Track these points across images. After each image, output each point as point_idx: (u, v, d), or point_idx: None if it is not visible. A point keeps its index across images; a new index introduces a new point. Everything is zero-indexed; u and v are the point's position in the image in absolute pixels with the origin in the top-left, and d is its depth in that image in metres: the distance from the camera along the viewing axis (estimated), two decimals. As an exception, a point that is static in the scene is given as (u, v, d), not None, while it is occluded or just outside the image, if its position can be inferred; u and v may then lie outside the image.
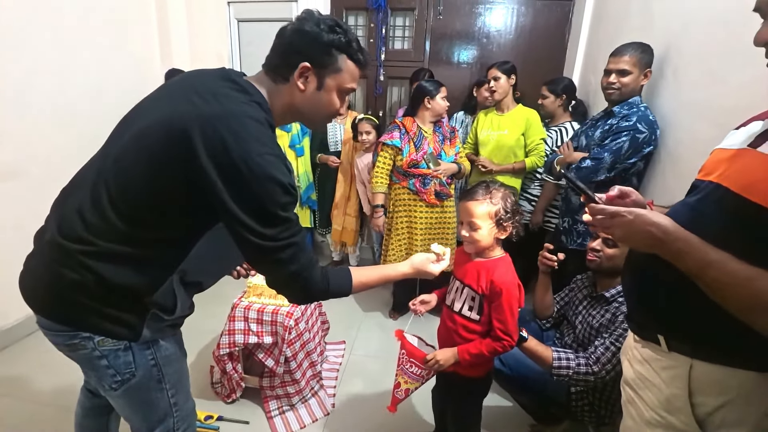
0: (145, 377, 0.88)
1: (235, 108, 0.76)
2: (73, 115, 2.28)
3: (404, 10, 2.88)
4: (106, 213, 0.76)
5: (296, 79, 0.82)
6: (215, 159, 0.72)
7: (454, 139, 2.17)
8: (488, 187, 1.15)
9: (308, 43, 0.81)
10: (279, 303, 1.59)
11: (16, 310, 2.07)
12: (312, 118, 0.91)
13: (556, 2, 2.74)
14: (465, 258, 1.24)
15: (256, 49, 2.98)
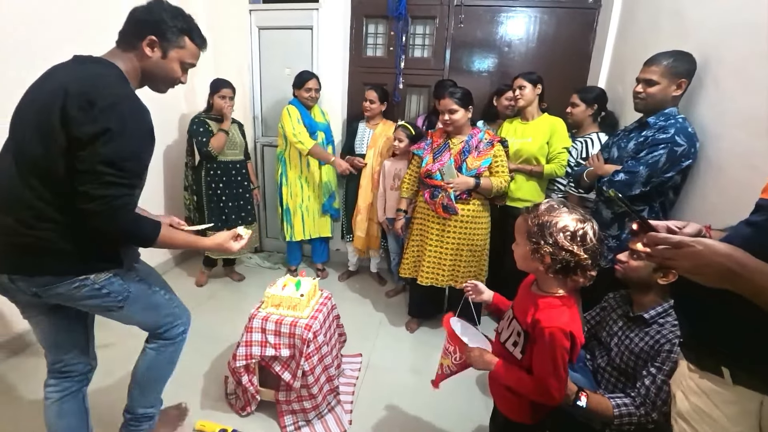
0: (138, 290, 1.17)
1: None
2: None
3: (425, 18, 2.86)
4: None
5: (144, 47, 1.05)
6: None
7: (485, 152, 1.98)
8: (546, 206, 0.98)
9: (157, 21, 1.05)
10: (297, 315, 1.55)
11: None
12: (157, 80, 1.13)
13: (579, 10, 2.69)
14: (526, 285, 1.13)
15: (276, 56, 2.99)
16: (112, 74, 1.03)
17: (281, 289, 1.60)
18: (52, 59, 1.12)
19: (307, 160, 2.65)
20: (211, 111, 2.54)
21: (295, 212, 2.76)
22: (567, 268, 0.95)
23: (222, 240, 1.22)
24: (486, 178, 1.98)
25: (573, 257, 0.92)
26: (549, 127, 2.14)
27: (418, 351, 2.21)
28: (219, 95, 2.48)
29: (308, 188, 2.71)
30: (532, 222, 0.97)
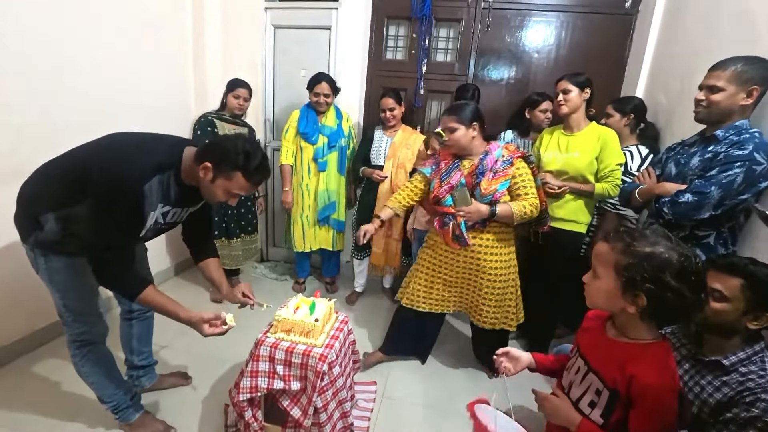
0: (41, 275, 1.29)
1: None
2: (100, 120, 2.16)
3: (450, 20, 2.71)
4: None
5: (200, 167, 1.17)
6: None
7: (503, 172, 1.65)
8: (641, 234, 0.82)
9: (217, 153, 1.17)
10: (311, 342, 1.36)
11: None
12: (204, 193, 1.25)
13: (615, 16, 2.53)
14: (597, 327, 0.93)
15: (291, 57, 2.84)
16: (150, 154, 1.19)
17: (293, 312, 1.42)
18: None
19: (308, 166, 2.49)
20: (223, 110, 2.45)
21: (296, 221, 2.59)
22: (667, 311, 0.76)
23: (197, 320, 1.24)
24: (505, 204, 1.64)
25: (680, 300, 0.74)
26: (599, 140, 1.86)
27: (437, 381, 2.00)
28: (234, 94, 2.39)
29: (309, 197, 2.54)
30: (625, 253, 0.78)
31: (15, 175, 1.83)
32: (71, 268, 1.27)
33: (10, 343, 1.89)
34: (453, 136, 1.65)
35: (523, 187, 1.65)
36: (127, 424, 1.51)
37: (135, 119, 2.42)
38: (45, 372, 1.85)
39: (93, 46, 2.06)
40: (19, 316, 1.91)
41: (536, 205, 1.65)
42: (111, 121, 2.20)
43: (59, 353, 1.92)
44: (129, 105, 2.32)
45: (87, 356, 1.39)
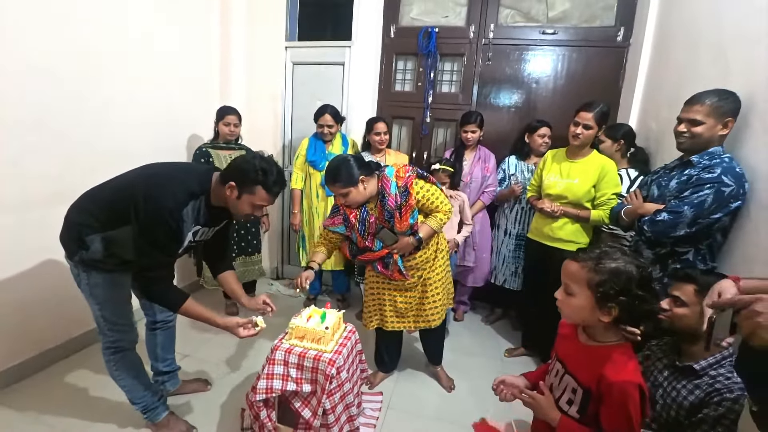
0: (83, 289, 1.45)
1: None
2: (138, 148, 2.42)
3: (453, 55, 2.93)
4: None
5: (227, 187, 1.35)
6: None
7: (407, 206, 1.65)
8: (604, 252, 0.92)
9: (238, 172, 1.34)
10: (321, 348, 1.50)
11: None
12: (232, 211, 1.43)
13: (609, 48, 2.70)
14: (570, 335, 1.04)
15: (308, 90, 3.10)
16: (183, 184, 1.36)
17: (306, 321, 1.56)
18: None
19: (317, 192, 2.67)
20: (216, 138, 2.52)
21: (310, 241, 2.76)
22: (636, 317, 0.89)
23: (232, 325, 1.43)
24: (423, 225, 1.72)
25: (645, 305, 0.87)
26: (599, 169, 1.96)
27: (443, 395, 2.09)
28: (224, 122, 2.46)
29: (318, 219, 2.71)
30: (595, 270, 0.90)
31: (62, 198, 2.07)
32: (110, 283, 1.44)
33: (48, 349, 2.08)
34: (348, 200, 1.63)
35: (430, 203, 1.71)
36: (154, 423, 1.66)
37: (168, 146, 2.68)
38: (79, 376, 2.03)
39: (132, 80, 2.34)
40: (57, 324, 2.10)
41: (449, 209, 1.73)
42: (148, 148, 2.47)
43: (92, 360, 2.11)
44: (164, 134, 2.58)
45: (120, 361, 1.55)
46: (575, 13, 2.75)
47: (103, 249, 1.35)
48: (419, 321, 1.93)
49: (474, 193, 2.60)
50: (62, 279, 2.04)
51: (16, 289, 1.90)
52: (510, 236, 2.57)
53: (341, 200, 1.67)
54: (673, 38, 2.23)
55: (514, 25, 2.82)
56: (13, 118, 1.78)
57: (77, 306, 2.07)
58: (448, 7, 2.91)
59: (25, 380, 1.96)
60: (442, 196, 1.73)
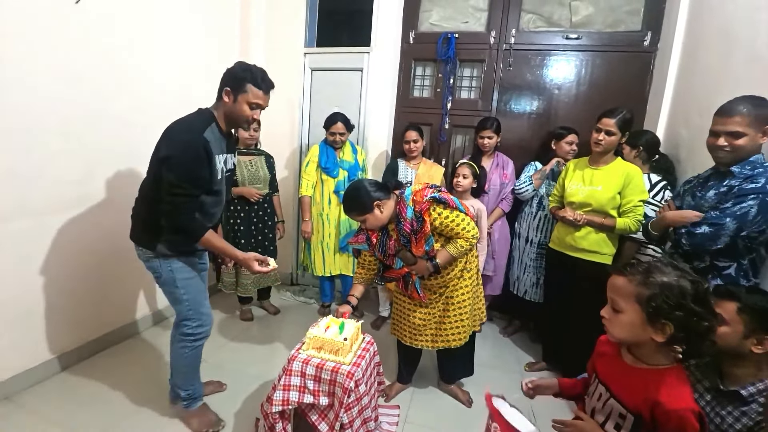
0: (167, 278, 1.56)
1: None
2: (149, 154, 2.43)
3: (473, 61, 2.89)
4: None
5: (223, 96, 1.46)
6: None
7: (422, 232, 1.61)
8: (653, 266, 0.85)
9: (229, 79, 1.45)
10: (339, 360, 1.46)
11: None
12: (233, 120, 1.50)
13: (635, 54, 2.63)
14: (612, 354, 0.97)
15: (326, 96, 3.10)
16: (194, 118, 1.47)
17: (324, 331, 1.53)
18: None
19: (329, 197, 2.65)
20: (236, 144, 2.48)
21: (316, 248, 2.73)
22: (693, 336, 0.82)
23: (250, 258, 1.51)
24: (442, 252, 1.66)
25: (702, 323, 0.80)
26: (623, 176, 1.90)
27: (461, 409, 2.02)
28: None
29: (329, 225, 2.68)
30: (645, 284, 0.84)
31: (86, 200, 2.07)
32: (190, 266, 1.59)
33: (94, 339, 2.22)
34: (368, 224, 1.60)
35: (450, 230, 1.63)
36: (188, 411, 1.75)
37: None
38: (121, 366, 2.16)
39: (154, 86, 2.36)
40: (104, 314, 2.26)
41: (472, 235, 1.64)
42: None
43: (130, 351, 2.32)
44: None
45: (195, 349, 1.67)
46: (599, 18, 2.69)
47: (166, 212, 1.44)
48: (437, 340, 1.87)
49: (492, 200, 2.54)
50: (75, 281, 2.08)
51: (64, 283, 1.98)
52: (532, 245, 2.49)
53: (362, 225, 1.65)
54: (704, 43, 2.15)
55: (536, 30, 2.77)
56: (39, 125, 1.80)
57: (87, 311, 2.17)
58: (468, 13, 2.87)
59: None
60: (465, 221, 1.64)
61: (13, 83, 1.68)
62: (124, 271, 2.29)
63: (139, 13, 2.20)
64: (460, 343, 1.87)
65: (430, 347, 1.90)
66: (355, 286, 1.83)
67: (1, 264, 1.75)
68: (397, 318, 1.94)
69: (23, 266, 1.84)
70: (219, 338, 2.47)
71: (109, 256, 2.20)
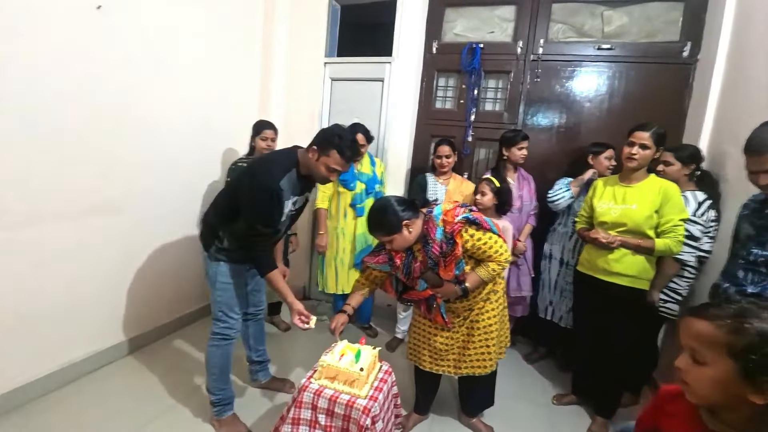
0: (211, 277, 1.70)
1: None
2: (176, 162, 2.42)
3: (498, 72, 2.78)
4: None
5: (310, 151, 1.55)
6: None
7: (452, 255, 1.50)
8: (745, 308, 0.71)
9: (320, 138, 1.55)
10: (355, 393, 1.33)
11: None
12: (312, 174, 1.60)
13: (672, 65, 2.47)
14: (686, 415, 0.81)
15: (346, 107, 3.03)
16: (280, 160, 1.59)
17: (338, 359, 1.40)
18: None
19: (344, 210, 2.54)
20: (252, 153, 2.48)
21: (329, 264, 2.61)
22: None
23: (296, 309, 1.61)
24: (472, 275, 1.56)
25: None
26: (660, 193, 1.75)
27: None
28: (261, 137, 2.43)
29: (344, 240, 2.57)
30: (738, 332, 0.69)
31: (99, 210, 2.05)
32: (232, 272, 1.70)
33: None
34: (394, 245, 1.50)
35: (482, 252, 1.53)
36: (218, 419, 1.76)
37: (204, 159, 2.65)
38: (168, 360, 2.30)
39: (172, 94, 2.32)
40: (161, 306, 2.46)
41: (505, 258, 1.55)
42: (183, 162, 2.45)
43: (179, 344, 2.49)
44: (200, 147, 2.57)
45: (222, 349, 1.72)
46: (634, 29, 2.55)
47: (232, 240, 1.63)
48: (461, 366, 1.73)
49: (524, 217, 2.42)
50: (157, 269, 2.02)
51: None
52: (568, 267, 2.32)
53: (387, 245, 1.54)
54: (752, 55, 1.98)
55: (566, 40, 2.65)
56: (54, 132, 1.77)
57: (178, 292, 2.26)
58: (494, 23, 2.78)
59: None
60: (498, 244, 1.54)
61: (32, 87, 1.66)
62: (147, 273, 2.31)
63: (161, 20, 2.18)
64: (486, 371, 1.73)
65: (452, 373, 1.76)
66: (354, 294, 1.72)
67: (14, 269, 1.72)
68: (416, 341, 1.80)
69: (36, 272, 1.80)
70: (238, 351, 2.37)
71: (121, 261, 2.19)
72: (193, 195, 2.60)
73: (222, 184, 2.53)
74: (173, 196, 2.44)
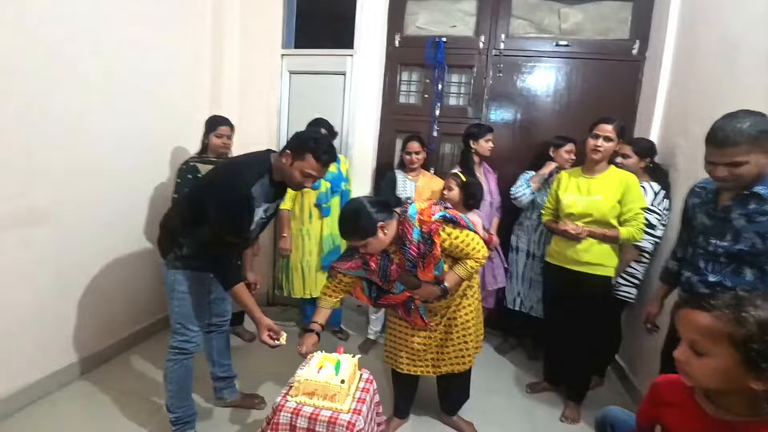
0: (168, 286, 1.57)
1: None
2: (115, 166, 2.17)
3: (462, 67, 2.77)
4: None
5: (284, 155, 1.44)
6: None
7: (431, 255, 1.44)
8: (742, 297, 0.73)
9: (295, 141, 1.46)
10: (337, 407, 1.24)
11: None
12: (285, 179, 1.50)
13: (623, 62, 2.59)
14: (684, 404, 0.83)
15: (307, 101, 2.88)
16: (252, 164, 1.48)
17: (317, 372, 1.30)
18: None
19: (309, 211, 2.43)
20: (206, 152, 2.22)
21: (295, 268, 2.49)
22: None
23: (264, 325, 1.47)
24: (451, 274, 1.51)
25: None
26: (621, 183, 1.85)
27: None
28: (216, 134, 2.17)
29: (310, 242, 2.46)
30: (739, 322, 0.70)
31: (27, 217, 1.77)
32: (192, 281, 1.57)
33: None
34: (369, 249, 1.42)
35: (460, 250, 1.49)
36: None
37: (150, 160, 2.40)
38: (125, 380, 2.12)
39: (111, 86, 2.07)
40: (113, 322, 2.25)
41: (483, 255, 1.52)
42: (126, 162, 2.20)
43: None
44: (145, 147, 2.32)
45: (180, 363, 1.60)
46: (588, 26, 2.64)
47: (195, 246, 1.50)
48: (440, 365, 1.70)
49: (494, 210, 2.44)
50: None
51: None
52: (534, 259, 2.38)
53: (362, 249, 1.45)
54: (699, 50, 2.10)
55: (527, 36, 2.69)
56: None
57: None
58: (457, 17, 2.76)
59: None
60: (475, 241, 1.51)
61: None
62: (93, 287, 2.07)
63: (94, 6, 1.92)
64: (465, 368, 1.71)
65: (431, 374, 1.72)
66: (320, 310, 1.61)
67: None
68: (393, 344, 1.74)
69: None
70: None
71: (59, 276, 1.94)
72: (137, 200, 2.35)
73: (171, 185, 2.30)
74: (114, 203, 2.18)
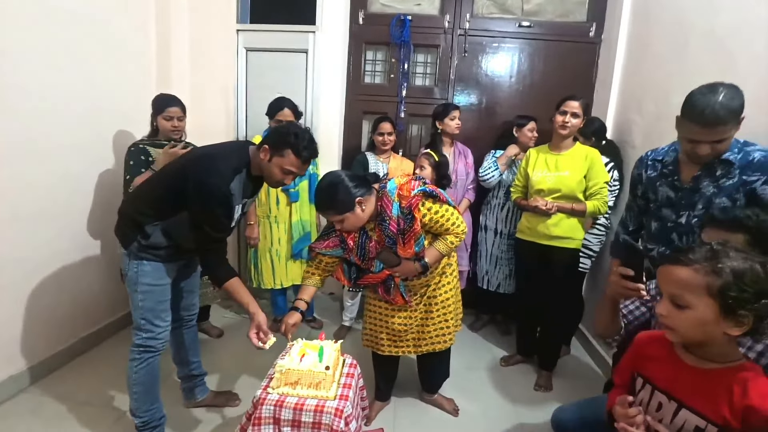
0: (130, 278, 1.44)
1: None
2: (51, 147, 1.91)
3: (427, 46, 2.73)
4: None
5: (261, 150, 1.37)
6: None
7: (411, 231, 1.41)
8: (715, 250, 0.75)
9: (274, 136, 1.37)
10: (322, 395, 1.18)
11: None
12: (265, 177, 1.43)
13: (581, 44, 2.68)
14: (666, 356, 0.85)
15: (267, 81, 2.70)
16: (230, 157, 1.39)
17: (299, 361, 1.23)
18: None
19: (276, 196, 2.29)
20: (156, 135, 2.04)
21: (264, 257, 2.35)
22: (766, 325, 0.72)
23: (256, 321, 1.37)
24: (431, 250, 1.48)
25: None
26: (586, 159, 1.92)
27: (449, 419, 1.85)
28: (164, 116, 1.98)
29: (278, 229, 2.33)
30: (716, 273, 0.72)
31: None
32: (159, 272, 1.45)
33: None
34: (346, 225, 1.38)
35: (440, 226, 1.46)
36: None
37: (90, 142, 2.15)
38: (82, 385, 1.93)
39: (46, 61, 1.82)
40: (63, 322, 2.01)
41: (462, 230, 1.50)
42: (63, 144, 1.95)
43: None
44: (84, 128, 2.07)
45: (144, 363, 1.47)
46: (549, 8, 2.69)
47: (165, 238, 1.40)
48: (421, 344, 1.68)
49: (460, 191, 2.42)
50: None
51: None
52: (501, 236, 2.42)
53: (338, 225, 1.40)
54: (653, 32, 2.21)
55: (491, 16, 2.69)
56: None
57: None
58: (421, -6, 2.70)
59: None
60: (455, 216, 1.49)
61: None
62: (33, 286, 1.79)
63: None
64: (446, 346, 1.72)
65: (412, 353, 1.71)
66: (305, 288, 1.54)
67: None
68: (372, 326, 1.69)
69: None
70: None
71: None
72: (78, 186, 2.10)
73: (119, 170, 2.06)
74: (52, 188, 1.93)
